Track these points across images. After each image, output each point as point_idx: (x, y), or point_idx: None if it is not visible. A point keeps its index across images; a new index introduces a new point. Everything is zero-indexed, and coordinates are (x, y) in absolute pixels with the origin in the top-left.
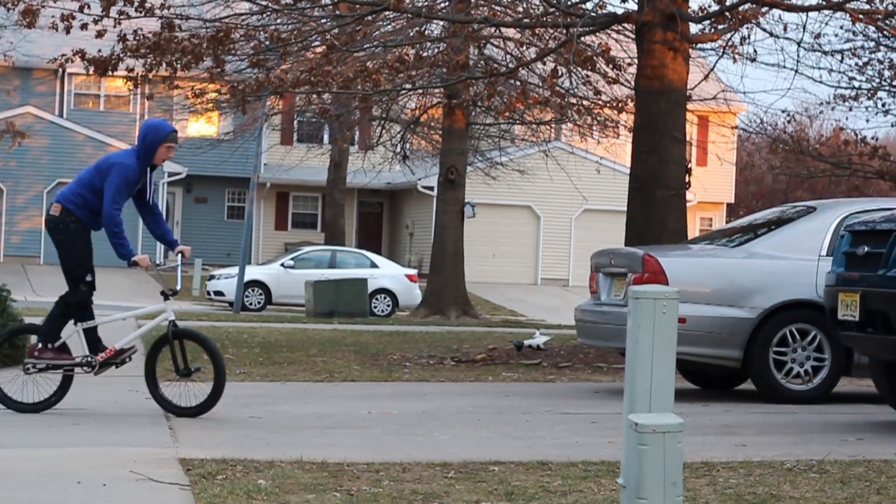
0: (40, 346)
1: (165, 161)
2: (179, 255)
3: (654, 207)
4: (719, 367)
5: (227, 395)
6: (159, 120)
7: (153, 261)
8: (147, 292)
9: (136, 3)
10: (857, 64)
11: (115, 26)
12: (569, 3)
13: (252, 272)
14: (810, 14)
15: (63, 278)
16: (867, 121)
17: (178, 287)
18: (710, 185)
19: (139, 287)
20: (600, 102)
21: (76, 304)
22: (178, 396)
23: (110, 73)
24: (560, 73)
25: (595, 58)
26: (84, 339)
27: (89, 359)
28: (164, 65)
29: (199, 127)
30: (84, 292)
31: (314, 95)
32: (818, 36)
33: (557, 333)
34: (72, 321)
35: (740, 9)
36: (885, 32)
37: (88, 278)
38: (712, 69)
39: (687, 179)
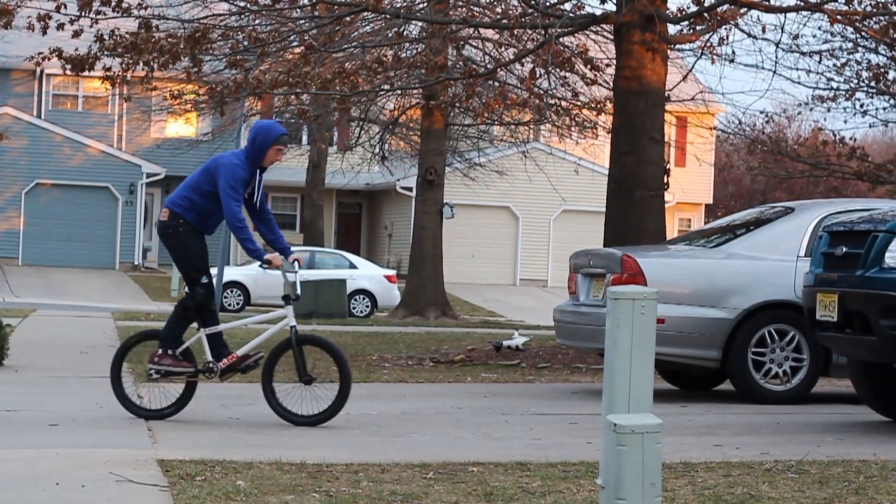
0: (160, 351)
1: (275, 163)
2: (296, 263)
3: (633, 208)
4: (698, 367)
5: (205, 395)
6: (270, 122)
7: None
8: (125, 293)
9: (113, 3)
10: (835, 65)
11: (91, 26)
12: (547, 4)
13: (231, 273)
14: (788, 15)
15: (37, 281)
16: (845, 121)
17: (299, 292)
18: (689, 185)
19: (117, 288)
20: (579, 103)
21: (194, 308)
22: (295, 405)
23: (87, 71)
24: (538, 75)
25: (573, 59)
26: (207, 344)
27: (211, 364)
28: (140, 64)
29: (178, 128)
30: (201, 295)
31: (292, 96)
32: (796, 37)
33: (536, 334)
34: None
35: (719, 10)
36: (862, 33)
37: (204, 280)
38: (691, 70)
39: (665, 180)
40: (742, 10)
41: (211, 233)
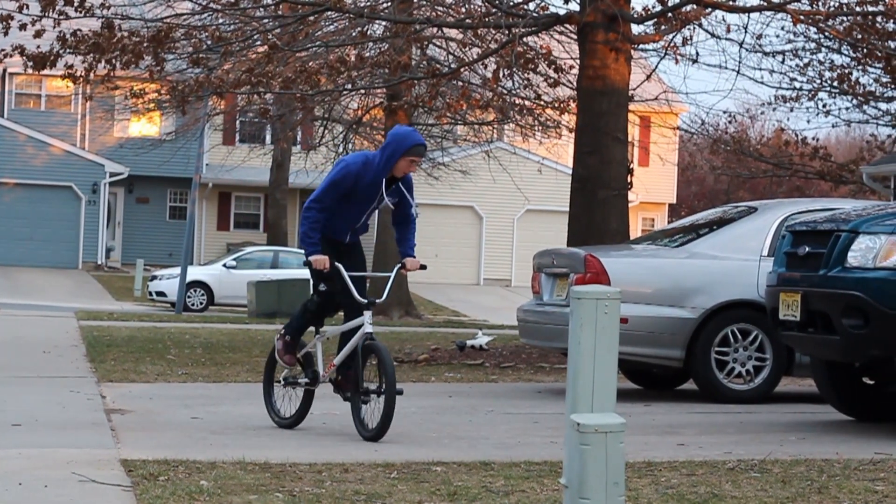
0: (281, 344)
1: (406, 173)
2: (397, 267)
3: (597, 208)
4: (661, 367)
5: (169, 395)
6: (407, 130)
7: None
8: (88, 293)
9: (75, 3)
10: (798, 65)
11: (55, 27)
12: (511, 3)
13: (194, 273)
14: (752, 15)
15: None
16: (808, 121)
17: (384, 297)
18: (652, 185)
19: (80, 288)
20: (542, 103)
21: (313, 314)
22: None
23: (49, 69)
24: (502, 75)
25: (537, 59)
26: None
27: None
28: (103, 63)
29: (141, 127)
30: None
31: (255, 96)
32: (760, 37)
33: (500, 334)
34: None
35: (682, 10)
36: (825, 33)
37: (322, 287)
38: (654, 70)
39: (629, 180)
40: (706, 11)
41: (341, 237)
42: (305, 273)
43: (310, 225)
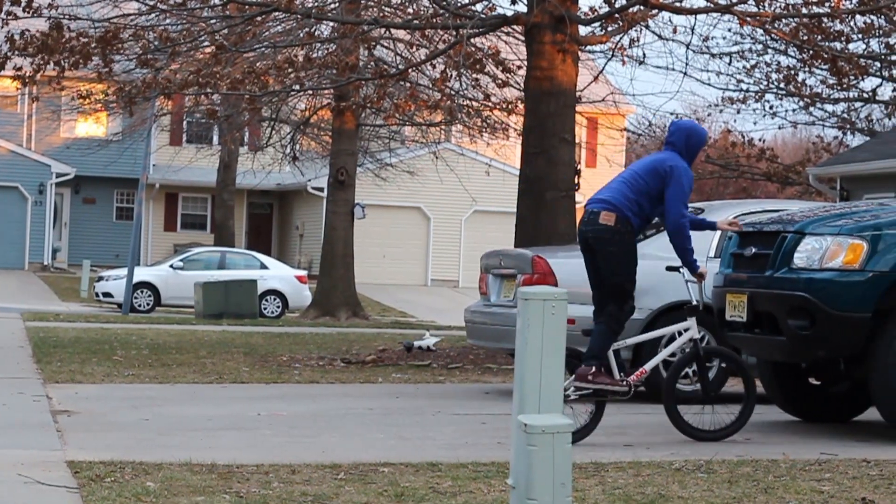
0: (593, 369)
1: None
2: (697, 277)
3: (544, 209)
4: None
5: (115, 396)
6: (694, 122)
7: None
8: (34, 294)
9: (23, 4)
10: (745, 67)
11: (1, 27)
12: (458, 4)
13: (141, 273)
14: (699, 17)
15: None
16: (755, 123)
17: (696, 301)
18: (600, 186)
19: (26, 288)
20: (490, 104)
21: (624, 323)
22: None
23: None
24: (450, 75)
25: (484, 60)
26: (614, 361)
27: (624, 381)
28: (51, 64)
29: (88, 127)
30: (632, 310)
31: (203, 96)
32: (707, 39)
33: (447, 334)
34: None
35: (629, 11)
36: (772, 35)
37: (634, 293)
38: (601, 71)
39: (576, 181)
40: (653, 12)
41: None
42: (253, 274)
43: (689, 237)
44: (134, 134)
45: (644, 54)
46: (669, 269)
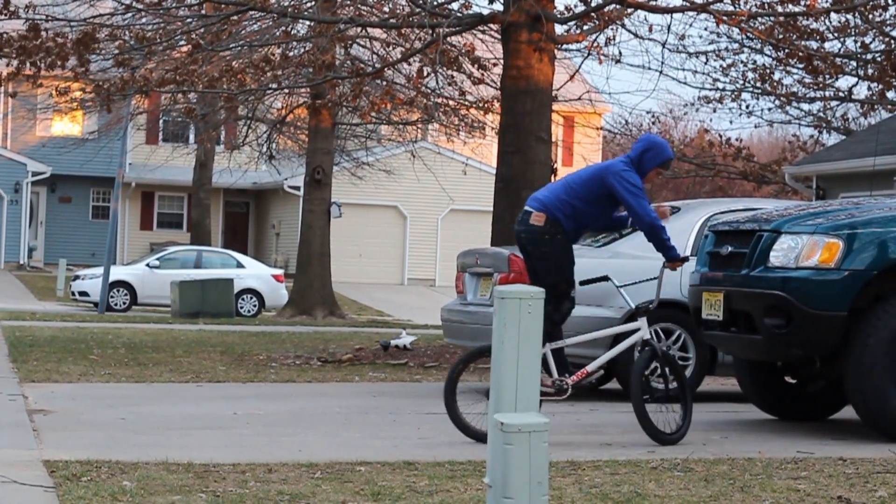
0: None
1: (649, 184)
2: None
3: (520, 207)
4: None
5: (91, 395)
6: (663, 141)
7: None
8: (10, 293)
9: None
10: (721, 66)
11: None
12: (434, 3)
13: (117, 272)
14: (675, 16)
15: None
16: (731, 122)
17: (655, 302)
18: None
19: (2, 287)
20: (466, 103)
21: (557, 323)
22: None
23: None
24: (426, 74)
25: (461, 58)
26: (553, 360)
27: (560, 382)
28: (28, 65)
29: (64, 126)
30: (570, 309)
31: (179, 95)
32: (683, 38)
33: (424, 333)
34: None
35: (605, 10)
36: (748, 34)
37: (573, 294)
38: (578, 70)
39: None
40: (629, 11)
41: (575, 243)
42: (229, 273)
43: (662, 230)
44: (110, 132)
45: (620, 53)
46: (584, 283)
